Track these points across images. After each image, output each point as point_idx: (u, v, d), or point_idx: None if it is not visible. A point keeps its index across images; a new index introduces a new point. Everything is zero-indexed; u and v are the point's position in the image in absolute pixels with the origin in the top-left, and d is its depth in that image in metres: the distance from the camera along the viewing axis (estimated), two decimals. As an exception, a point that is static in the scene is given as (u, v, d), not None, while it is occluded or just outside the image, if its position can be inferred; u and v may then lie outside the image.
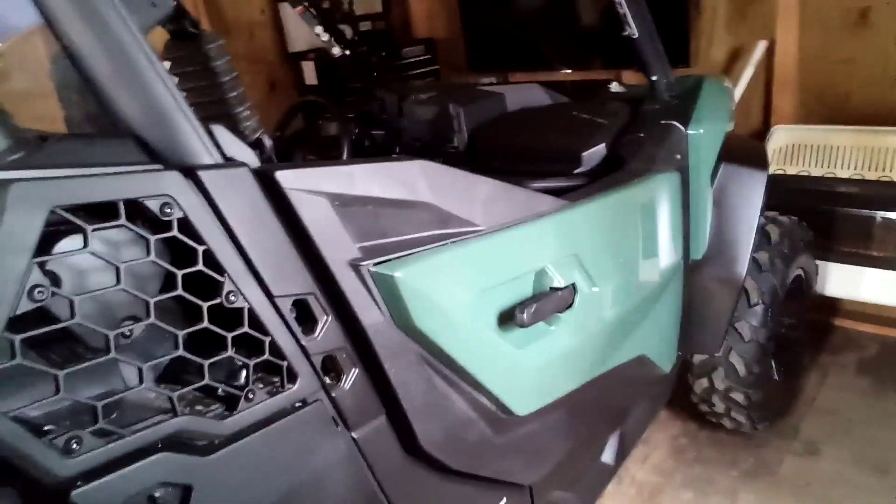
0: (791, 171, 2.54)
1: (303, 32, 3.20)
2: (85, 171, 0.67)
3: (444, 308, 1.01)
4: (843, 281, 2.36)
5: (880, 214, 2.26)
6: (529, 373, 1.21)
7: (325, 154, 1.99)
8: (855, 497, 1.82)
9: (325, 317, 0.89)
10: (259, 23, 3.25)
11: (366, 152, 2.05)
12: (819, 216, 2.30)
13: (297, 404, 0.87)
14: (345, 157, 1.82)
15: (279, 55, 3.33)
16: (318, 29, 2.03)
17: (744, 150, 1.94)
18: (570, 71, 3.21)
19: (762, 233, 1.94)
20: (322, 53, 3.10)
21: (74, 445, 0.64)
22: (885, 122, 2.45)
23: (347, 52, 2.12)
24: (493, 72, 3.48)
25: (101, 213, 0.68)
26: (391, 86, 2.14)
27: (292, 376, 0.85)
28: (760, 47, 2.62)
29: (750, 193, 1.85)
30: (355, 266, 0.91)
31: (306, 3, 1.98)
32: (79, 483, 0.65)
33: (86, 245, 0.65)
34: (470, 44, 3.45)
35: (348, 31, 3.31)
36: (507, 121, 1.96)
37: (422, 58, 3.51)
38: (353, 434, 0.95)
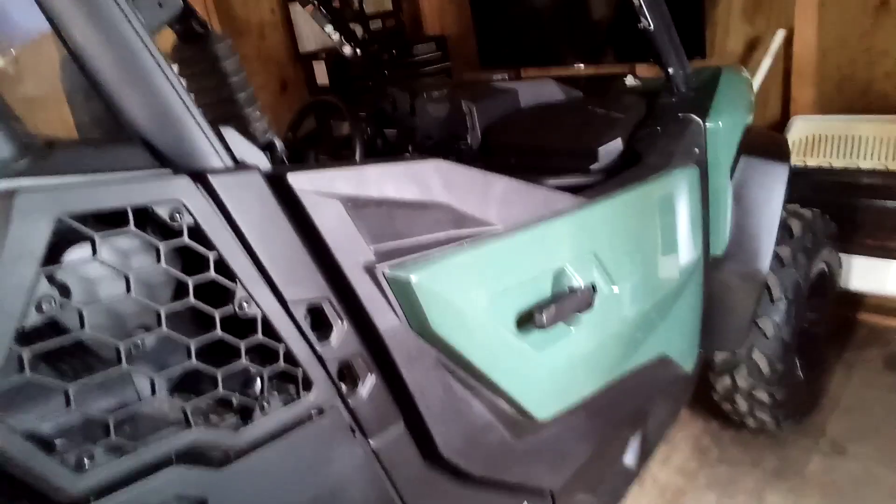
0: (811, 162, 2.49)
1: (313, 32, 3.19)
2: (92, 177, 0.65)
3: (461, 311, 0.99)
4: (867, 275, 2.31)
5: (905, 206, 2.20)
6: (549, 375, 1.19)
7: (338, 154, 1.97)
8: (884, 497, 1.77)
9: (340, 322, 0.87)
10: (270, 23, 3.24)
11: (378, 151, 2.03)
12: (842, 208, 2.24)
13: (312, 413, 0.85)
14: (357, 156, 1.80)
15: (290, 55, 3.32)
16: (329, 28, 2.02)
17: (764, 142, 1.90)
18: (582, 65, 3.17)
19: (784, 227, 1.89)
20: (333, 53, 3.08)
21: (86, 461, 0.62)
22: (908, 111, 2.39)
23: (358, 51, 2.09)
24: (505, 68, 3.44)
25: (110, 220, 0.66)
26: (403, 84, 2.11)
27: (307, 384, 0.83)
28: (779, 37, 2.56)
29: (771, 187, 1.80)
30: (370, 269, 0.88)
31: (316, 3, 1.96)
32: (91, 500, 0.64)
33: (94, 253, 0.64)
34: (481, 40, 3.42)
35: (359, 30, 3.30)
36: (521, 117, 1.93)
37: (433, 55, 3.48)
38: (371, 442, 0.93)
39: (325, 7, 2.00)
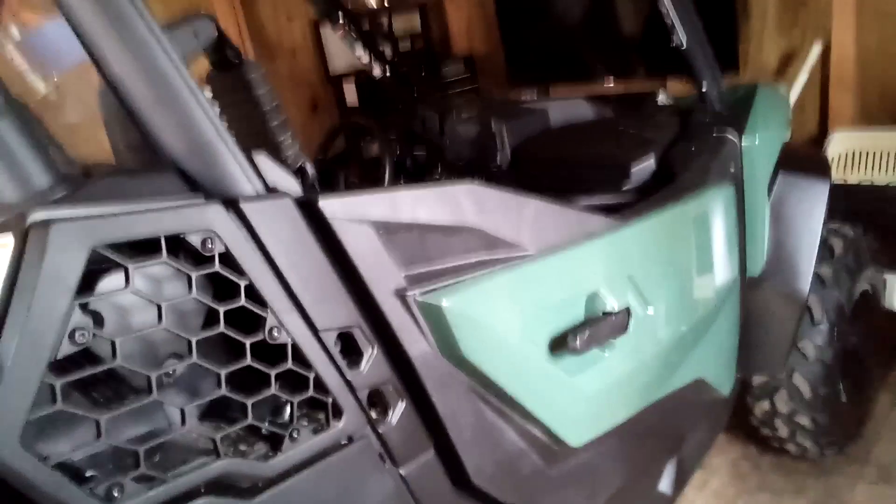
0: (852, 178, 2.41)
1: (344, 54, 3.23)
2: (126, 207, 0.65)
3: (493, 337, 0.97)
4: (913, 295, 2.21)
5: (952, 223, 2.12)
6: (583, 401, 1.16)
7: (368, 175, 1.98)
8: (938, 530, 1.69)
9: (371, 349, 0.86)
10: (301, 45, 3.29)
11: (408, 172, 2.03)
12: (885, 226, 2.16)
13: (343, 441, 0.83)
14: (387, 178, 1.80)
15: (320, 76, 3.37)
16: (359, 50, 2.03)
17: (803, 159, 1.85)
18: (612, 81, 3.14)
19: (825, 246, 1.83)
20: (363, 74, 3.11)
21: (116, 493, 0.62)
22: (954, 125, 2.31)
23: (388, 72, 2.11)
24: (534, 85, 3.43)
25: (142, 247, 0.67)
26: (432, 104, 2.11)
27: (338, 412, 0.82)
28: (816, 49, 2.50)
29: (811, 205, 1.75)
30: (401, 295, 0.87)
31: (347, 25, 1.98)
32: None
33: (128, 283, 0.64)
34: (509, 58, 3.42)
35: (388, 51, 3.33)
36: (552, 136, 1.91)
37: (462, 74, 3.49)
38: (401, 470, 0.91)
39: (355, 29, 2.02)
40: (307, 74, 3.33)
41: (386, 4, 1.97)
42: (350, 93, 3.25)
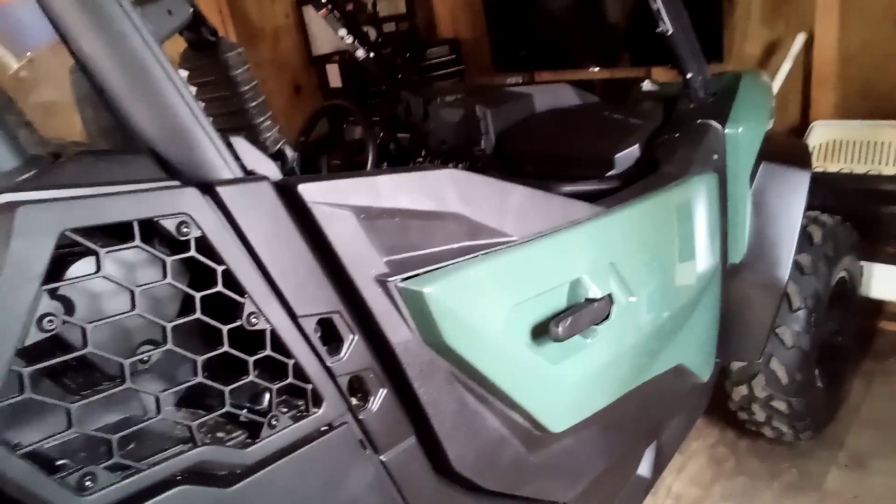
0: (832, 168, 2.44)
1: (327, 35, 3.18)
2: (97, 190, 0.63)
3: (475, 324, 0.96)
4: (889, 283, 2.25)
5: (929, 213, 2.15)
6: (565, 388, 1.16)
7: (351, 159, 1.96)
8: (908, 513, 1.73)
9: (352, 336, 0.85)
10: (283, 27, 3.23)
11: (391, 156, 2.01)
12: (863, 216, 2.19)
13: (322, 428, 0.83)
14: (370, 162, 1.78)
15: (303, 58, 3.32)
16: (343, 32, 2.00)
17: (785, 148, 1.86)
18: (597, 69, 3.13)
19: (804, 234, 1.85)
20: (346, 56, 3.07)
21: (88, 482, 0.61)
22: (932, 117, 2.33)
23: (372, 55, 2.08)
24: (519, 71, 3.41)
25: (115, 233, 0.65)
26: (416, 88, 2.09)
27: (318, 399, 0.81)
28: (799, 40, 2.51)
29: (791, 194, 1.76)
30: (382, 282, 0.86)
31: (330, 7, 1.95)
32: None
33: (98, 269, 0.62)
34: (495, 43, 3.40)
35: (372, 33, 3.29)
36: (537, 122, 1.90)
37: (446, 58, 3.46)
38: (382, 457, 0.91)
39: (338, 10, 1.98)
40: (289, 56, 3.27)
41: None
42: (333, 75, 3.20)
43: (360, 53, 2.08)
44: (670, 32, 1.60)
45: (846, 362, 2.19)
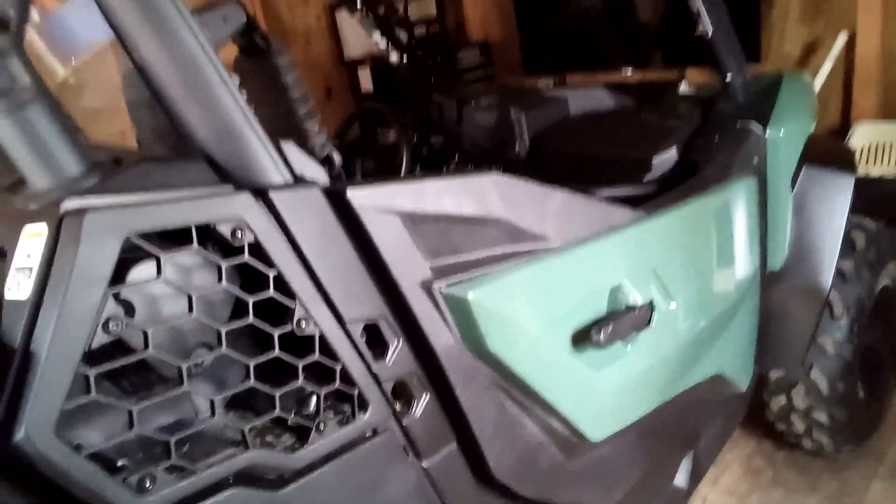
0: (875, 171, 2.38)
1: (359, 39, 3.20)
2: (158, 195, 0.65)
3: (517, 329, 0.96)
4: (934, 291, 2.18)
5: (976, 218, 2.08)
6: (604, 395, 1.15)
7: (384, 162, 1.97)
8: (954, 528, 1.68)
9: (396, 340, 0.85)
10: (315, 30, 3.27)
11: (424, 159, 2.01)
12: (907, 221, 2.13)
13: (367, 434, 0.83)
14: (404, 165, 1.78)
15: (335, 61, 3.35)
16: (377, 35, 2.01)
17: (828, 151, 1.82)
18: (629, 70, 3.10)
19: (846, 239, 1.81)
20: (378, 59, 3.09)
21: (148, 484, 0.62)
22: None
23: (404, 58, 2.08)
24: (549, 74, 3.40)
25: (172, 236, 0.66)
26: (449, 91, 2.09)
27: (363, 404, 0.82)
28: (841, 39, 2.46)
29: (835, 198, 1.72)
30: (426, 286, 0.86)
31: (365, 10, 1.96)
32: None
33: (159, 273, 0.63)
34: (525, 45, 3.39)
35: (403, 36, 3.30)
36: (571, 125, 1.88)
37: (477, 61, 3.46)
38: (424, 463, 0.91)
39: (371, 12, 1.99)
40: (321, 59, 3.30)
41: (404, -10, 1.96)
42: (365, 78, 3.22)
43: (394, 57, 2.09)
44: (711, 34, 1.57)
45: (889, 372, 2.13)
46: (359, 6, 1.95)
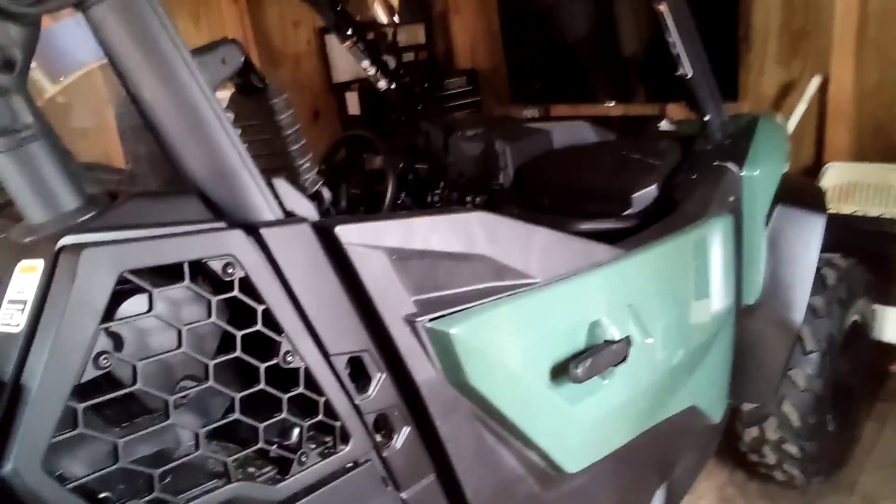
0: (846, 210, 2.45)
1: (347, 63, 3.24)
2: (152, 231, 0.66)
3: (498, 364, 0.98)
4: (902, 327, 2.25)
5: (942, 258, 2.16)
6: (581, 428, 1.17)
7: (370, 188, 1.99)
8: (920, 562, 1.71)
9: (379, 374, 0.87)
10: (305, 53, 3.30)
11: (410, 186, 2.04)
12: (877, 259, 2.19)
13: (348, 465, 0.84)
14: (389, 192, 1.81)
15: (323, 85, 3.38)
16: (366, 63, 2.04)
17: (800, 191, 1.88)
18: (613, 103, 3.17)
19: (818, 276, 1.86)
20: (365, 84, 3.12)
21: (131, 517, 0.63)
22: (947, 162, 2.35)
23: (393, 85, 2.12)
24: (535, 103, 3.46)
25: (163, 269, 0.67)
26: (437, 119, 2.13)
27: (345, 437, 0.83)
28: (815, 81, 2.55)
29: (807, 236, 1.78)
30: (410, 322, 0.89)
31: (354, 38, 1.99)
32: None
33: (150, 308, 0.64)
34: (512, 75, 3.45)
35: (391, 62, 3.34)
36: (555, 158, 1.93)
37: (464, 89, 3.51)
38: (403, 494, 0.92)
39: (361, 41, 2.03)
40: (310, 82, 3.33)
41: (396, 21, 1.99)
42: (352, 102, 3.25)
43: (382, 84, 2.12)
44: (690, 76, 1.63)
45: (859, 405, 2.18)
46: (349, 33, 1.99)
